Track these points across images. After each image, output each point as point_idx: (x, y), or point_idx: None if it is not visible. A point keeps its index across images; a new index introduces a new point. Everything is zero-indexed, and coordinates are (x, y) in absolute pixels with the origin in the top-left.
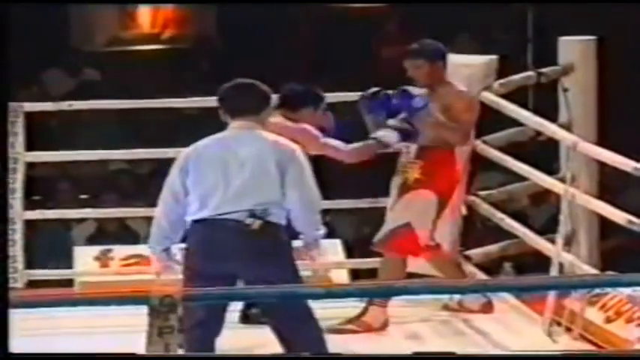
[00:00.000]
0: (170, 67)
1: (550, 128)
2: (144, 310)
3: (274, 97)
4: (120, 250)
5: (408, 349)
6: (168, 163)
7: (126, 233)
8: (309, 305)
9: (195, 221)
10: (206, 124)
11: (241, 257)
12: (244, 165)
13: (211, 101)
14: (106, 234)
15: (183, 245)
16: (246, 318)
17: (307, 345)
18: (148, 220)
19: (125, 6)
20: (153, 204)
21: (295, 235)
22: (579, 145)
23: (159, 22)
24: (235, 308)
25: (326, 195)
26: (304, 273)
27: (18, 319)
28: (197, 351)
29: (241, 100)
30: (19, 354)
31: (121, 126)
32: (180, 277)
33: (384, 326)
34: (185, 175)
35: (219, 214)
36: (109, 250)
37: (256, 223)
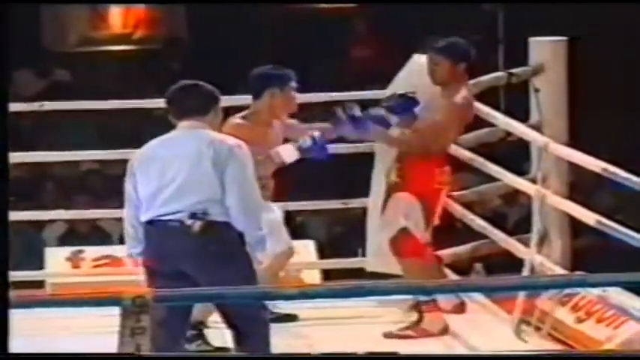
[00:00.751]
0: (141, 68)
1: (520, 129)
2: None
3: (222, 98)
4: (91, 251)
5: (380, 349)
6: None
7: (97, 234)
8: (263, 305)
9: (145, 223)
10: (173, 125)
11: (188, 258)
12: (182, 165)
13: None
14: (77, 235)
15: None
16: None
17: (255, 343)
18: (120, 220)
19: (96, 6)
20: (123, 205)
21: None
22: (550, 145)
23: (130, 23)
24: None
25: (298, 196)
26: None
27: None
28: (160, 351)
29: (186, 100)
30: (20, 354)
31: (92, 127)
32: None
33: (444, 332)
34: (133, 178)
35: (162, 216)
36: (81, 251)
37: (197, 224)
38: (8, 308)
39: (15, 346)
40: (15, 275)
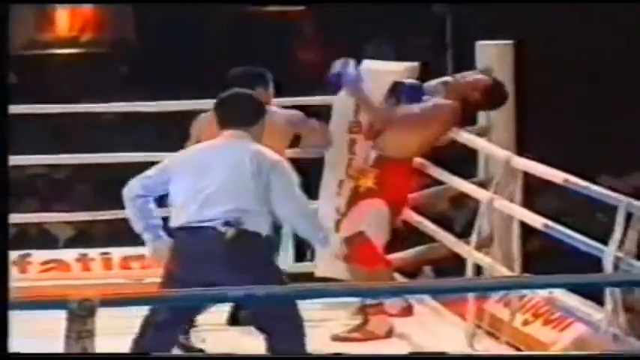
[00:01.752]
0: (88, 71)
1: (480, 143)
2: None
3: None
4: (38, 255)
5: (326, 352)
6: (86, 167)
7: (45, 237)
8: (296, 307)
9: (175, 228)
10: (124, 128)
11: (217, 265)
12: (221, 173)
13: (128, 106)
14: (23, 239)
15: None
16: (234, 320)
17: (289, 345)
18: (67, 224)
19: (43, 8)
20: (71, 209)
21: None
22: (513, 159)
23: (76, 26)
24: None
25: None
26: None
27: None
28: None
29: (235, 110)
30: (19, 354)
31: (40, 130)
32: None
33: (389, 334)
34: (165, 175)
35: (195, 222)
36: (28, 255)
37: (230, 232)
38: (8, 308)
39: None
40: None
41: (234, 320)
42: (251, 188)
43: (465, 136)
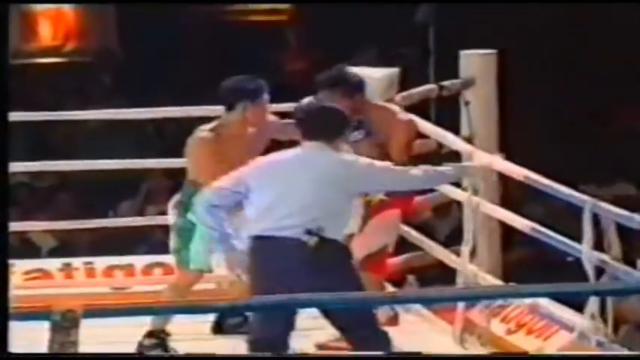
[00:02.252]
0: (72, 80)
1: (450, 139)
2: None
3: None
4: (21, 265)
5: None
6: (69, 176)
7: (27, 247)
8: (372, 312)
9: (254, 237)
10: (108, 136)
11: (299, 274)
12: (303, 183)
13: (111, 114)
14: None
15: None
16: (219, 328)
17: (374, 349)
18: (50, 233)
19: (27, 18)
20: (54, 218)
21: None
22: (475, 153)
23: (60, 35)
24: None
25: None
26: (208, 285)
27: None
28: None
29: (320, 123)
30: (19, 354)
31: (23, 139)
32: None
33: None
34: (246, 184)
35: (276, 230)
36: (11, 265)
37: (312, 240)
38: (8, 309)
39: None
40: None
41: (218, 329)
42: (332, 197)
43: (449, 139)
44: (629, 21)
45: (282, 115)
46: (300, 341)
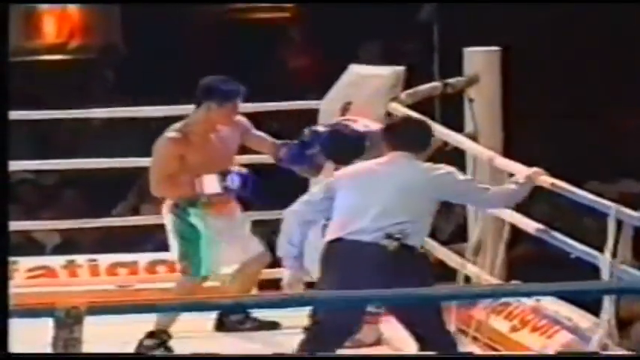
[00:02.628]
0: (76, 77)
1: (457, 139)
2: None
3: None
4: (25, 262)
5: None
6: (74, 173)
7: (31, 245)
8: (441, 314)
9: (332, 241)
10: (111, 134)
11: (374, 279)
12: (389, 190)
13: (116, 111)
14: (10, 246)
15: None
16: (221, 325)
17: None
18: (54, 231)
19: (31, 15)
20: (58, 216)
21: None
22: (496, 160)
23: (64, 32)
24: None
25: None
26: (210, 284)
27: None
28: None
29: (404, 136)
30: (19, 354)
31: (27, 137)
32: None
33: (377, 342)
34: (332, 192)
35: (354, 234)
36: (14, 262)
37: (393, 245)
38: (8, 308)
39: None
40: None
41: (221, 325)
42: (414, 204)
43: (453, 136)
44: (634, 18)
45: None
46: (298, 339)
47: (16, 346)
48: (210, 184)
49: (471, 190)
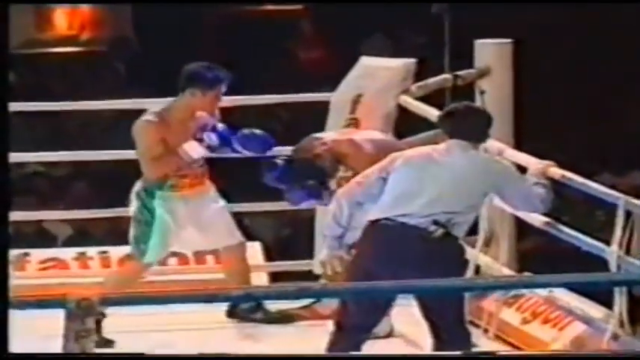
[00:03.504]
0: (87, 69)
1: None
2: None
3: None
4: (37, 254)
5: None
6: (85, 165)
7: (43, 236)
8: (463, 307)
9: (374, 221)
10: (122, 126)
11: (414, 264)
12: (448, 178)
13: (127, 103)
14: (21, 237)
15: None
16: (233, 313)
17: (457, 344)
18: (65, 222)
19: (41, 7)
20: (70, 207)
21: None
22: (506, 152)
23: (75, 24)
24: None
25: (246, 197)
26: (222, 276)
27: None
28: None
29: (463, 124)
30: (19, 354)
31: (39, 129)
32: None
33: (390, 334)
34: (386, 173)
35: (402, 216)
36: (26, 254)
37: (439, 232)
38: (8, 308)
39: None
40: None
41: (232, 313)
42: (465, 194)
43: None
44: None
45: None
46: (312, 330)
47: (26, 338)
48: (194, 149)
49: (523, 189)
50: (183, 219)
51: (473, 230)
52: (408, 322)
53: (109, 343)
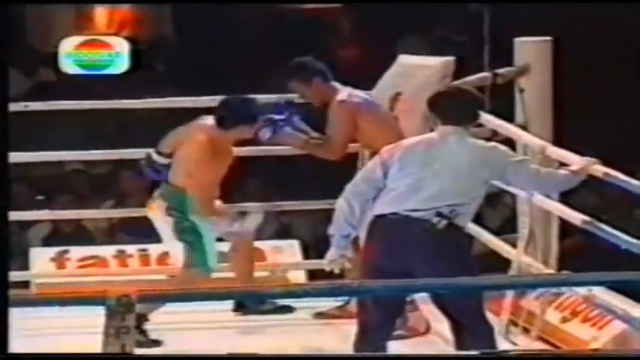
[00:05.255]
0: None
1: (508, 127)
2: None
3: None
4: (76, 251)
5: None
6: (124, 164)
7: (82, 234)
8: (482, 301)
9: (380, 216)
10: (159, 124)
11: (421, 255)
12: (445, 167)
13: (165, 102)
14: (61, 235)
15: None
16: (240, 307)
17: (479, 338)
18: (104, 221)
19: (81, 6)
20: (109, 205)
21: None
22: (548, 149)
23: (115, 23)
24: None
25: (284, 196)
26: (262, 273)
27: None
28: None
29: (453, 107)
30: (20, 354)
31: (77, 127)
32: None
33: (428, 329)
34: (387, 168)
35: (407, 211)
36: (66, 252)
37: (442, 223)
38: (8, 308)
39: None
40: None
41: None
42: (467, 183)
43: (504, 126)
44: None
45: None
46: (345, 329)
47: (65, 334)
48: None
49: (524, 169)
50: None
51: (510, 229)
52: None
53: (155, 342)
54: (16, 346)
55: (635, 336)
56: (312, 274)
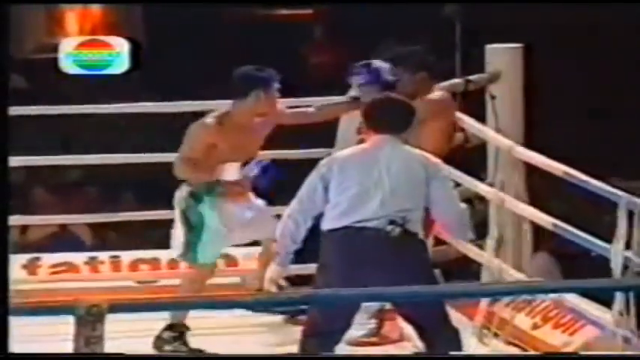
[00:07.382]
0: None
1: (487, 132)
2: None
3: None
4: (48, 258)
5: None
6: (96, 169)
7: (55, 240)
8: (444, 306)
9: (332, 230)
10: (133, 131)
11: (378, 266)
12: (386, 176)
13: (137, 107)
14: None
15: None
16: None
17: (445, 343)
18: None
19: (51, 12)
20: (86, 211)
21: None
22: (515, 149)
23: (87, 28)
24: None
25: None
26: (234, 280)
27: None
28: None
29: (386, 116)
30: (19, 354)
31: (49, 133)
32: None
33: (401, 337)
34: (326, 182)
35: (358, 222)
36: (37, 258)
37: (396, 231)
38: (8, 308)
39: None
40: None
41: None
42: (413, 191)
43: (475, 126)
44: None
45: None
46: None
47: (35, 342)
48: (230, 171)
49: (447, 187)
50: (232, 220)
51: (484, 234)
52: None
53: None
54: None
55: (607, 341)
56: (291, 280)
